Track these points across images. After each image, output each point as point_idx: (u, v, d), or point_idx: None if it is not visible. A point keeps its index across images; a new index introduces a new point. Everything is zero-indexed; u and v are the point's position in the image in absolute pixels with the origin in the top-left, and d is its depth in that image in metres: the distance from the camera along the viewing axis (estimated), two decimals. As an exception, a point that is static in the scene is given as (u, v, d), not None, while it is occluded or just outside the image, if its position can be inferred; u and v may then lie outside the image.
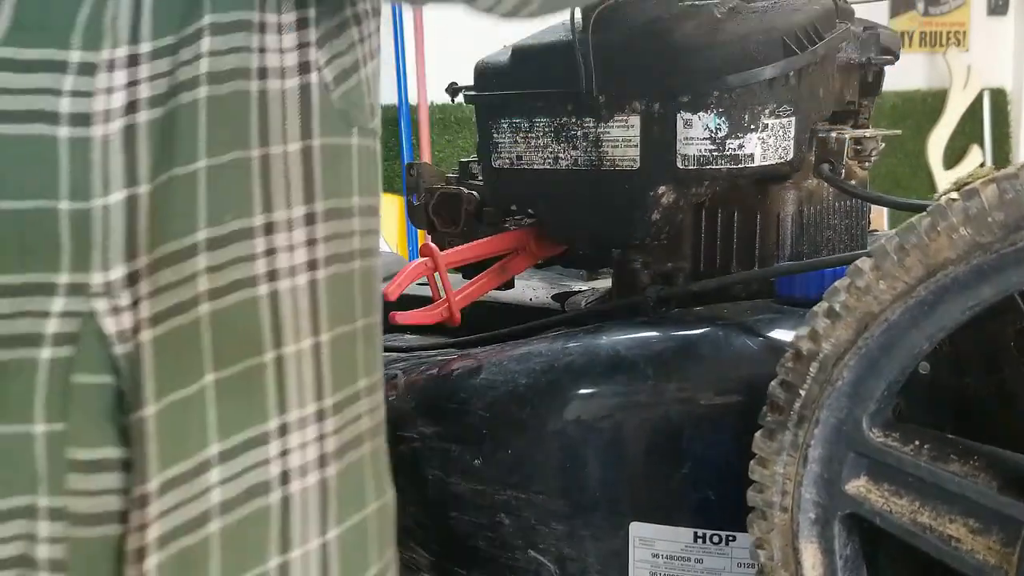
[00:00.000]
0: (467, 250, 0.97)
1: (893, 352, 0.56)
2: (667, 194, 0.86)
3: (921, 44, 4.09)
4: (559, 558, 0.78)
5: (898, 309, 0.55)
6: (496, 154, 0.95)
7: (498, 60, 0.95)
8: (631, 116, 0.85)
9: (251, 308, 0.47)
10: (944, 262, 0.53)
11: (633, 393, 0.75)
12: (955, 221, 0.52)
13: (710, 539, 0.72)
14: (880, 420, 0.58)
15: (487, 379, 0.83)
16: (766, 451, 0.61)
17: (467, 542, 0.83)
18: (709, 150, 0.82)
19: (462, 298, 0.94)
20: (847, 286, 0.56)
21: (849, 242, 0.93)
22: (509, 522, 0.81)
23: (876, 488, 0.58)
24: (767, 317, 0.76)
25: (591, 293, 1.04)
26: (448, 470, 0.84)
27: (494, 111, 0.95)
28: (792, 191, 0.86)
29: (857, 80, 0.96)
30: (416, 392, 0.89)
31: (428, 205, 1.07)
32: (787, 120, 0.83)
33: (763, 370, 0.67)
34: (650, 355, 0.75)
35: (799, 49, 0.83)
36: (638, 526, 0.74)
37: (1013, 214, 0.50)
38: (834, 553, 0.60)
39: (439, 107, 2.87)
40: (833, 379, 0.57)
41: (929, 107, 4.07)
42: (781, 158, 0.83)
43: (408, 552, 0.89)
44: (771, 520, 0.61)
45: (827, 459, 0.59)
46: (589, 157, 0.88)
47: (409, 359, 0.98)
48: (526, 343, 0.85)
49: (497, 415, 0.81)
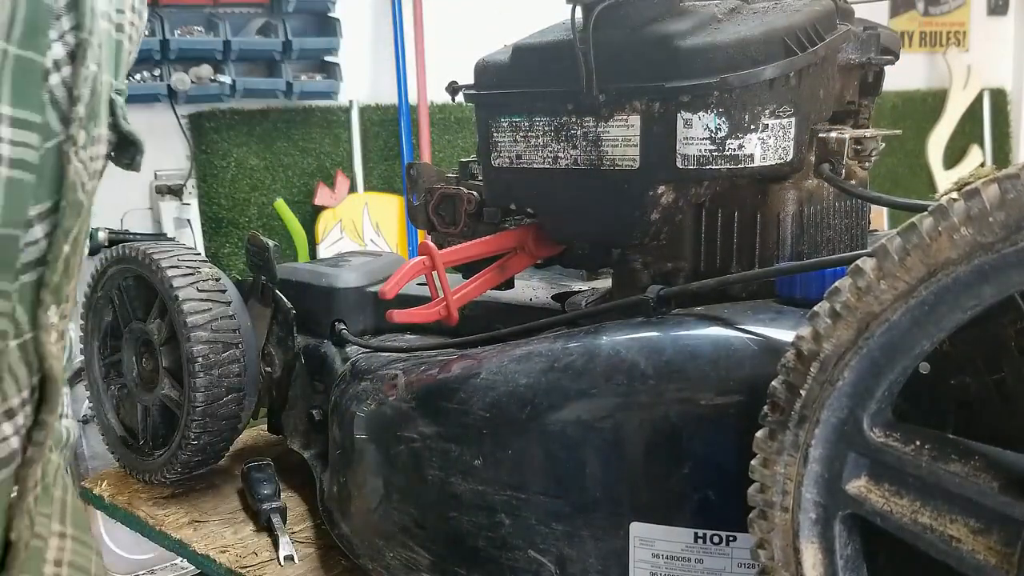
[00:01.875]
0: (465, 249, 0.96)
1: (894, 352, 0.56)
2: (667, 194, 0.86)
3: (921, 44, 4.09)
4: (559, 558, 0.78)
5: (899, 309, 0.55)
6: (496, 153, 0.95)
7: (498, 59, 0.95)
8: (631, 116, 0.85)
9: None
10: (945, 262, 0.53)
11: (633, 393, 0.74)
12: (956, 221, 0.52)
13: (710, 539, 0.72)
14: (881, 420, 0.58)
15: (487, 379, 0.83)
16: (767, 451, 0.60)
17: (467, 542, 0.83)
18: (709, 150, 0.82)
19: (460, 297, 0.94)
20: (848, 286, 0.56)
21: (849, 242, 0.93)
22: (509, 522, 0.80)
23: (877, 488, 0.57)
24: (767, 317, 0.76)
25: (591, 293, 1.04)
26: (448, 470, 0.84)
27: (494, 110, 0.95)
28: (792, 191, 0.86)
29: (857, 80, 0.96)
30: (416, 392, 0.89)
31: (428, 205, 1.07)
32: (787, 120, 0.83)
33: (763, 370, 0.67)
34: (650, 355, 0.75)
35: (799, 49, 0.83)
36: (638, 526, 0.74)
37: (1014, 214, 0.50)
38: (834, 553, 0.60)
39: (439, 107, 2.87)
40: (834, 379, 0.57)
41: (929, 107, 4.07)
42: (781, 158, 0.83)
43: (408, 552, 0.89)
44: (772, 520, 0.61)
45: (828, 459, 0.59)
46: (589, 156, 0.88)
47: (409, 359, 0.98)
48: (526, 343, 0.85)
49: (497, 415, 0.81)
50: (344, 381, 1.04)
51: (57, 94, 0.59)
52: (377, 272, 1.26)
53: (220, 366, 1.13)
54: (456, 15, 2.85)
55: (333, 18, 2.65)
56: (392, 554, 0.91)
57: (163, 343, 1.18)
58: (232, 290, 1.19)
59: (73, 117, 0.60)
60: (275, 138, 2.65)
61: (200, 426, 1.14)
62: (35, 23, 0.55)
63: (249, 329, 1.18)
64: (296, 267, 1.31)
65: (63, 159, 0.60)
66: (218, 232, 2.59)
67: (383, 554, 0.93)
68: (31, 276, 0.59)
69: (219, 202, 2.58)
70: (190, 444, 1.15)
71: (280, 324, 1.24)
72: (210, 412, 1.13)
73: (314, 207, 2.72)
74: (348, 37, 2.67)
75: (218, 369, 1.12)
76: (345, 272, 1.25)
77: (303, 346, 1.22)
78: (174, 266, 1.15)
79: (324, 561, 1.04)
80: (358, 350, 1.13)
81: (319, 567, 1.03)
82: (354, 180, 2.76)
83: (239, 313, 1.16)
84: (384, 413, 0.92)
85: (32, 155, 0.57)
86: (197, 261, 1.18)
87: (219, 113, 2.56)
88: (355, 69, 2.75)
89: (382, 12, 2.80)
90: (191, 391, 1.12)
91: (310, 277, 1.26)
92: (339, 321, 1.21)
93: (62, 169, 0.60)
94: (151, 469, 1.23)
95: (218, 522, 1.15)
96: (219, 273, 1.19)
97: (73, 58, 0.59)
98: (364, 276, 1.25)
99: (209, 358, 1.12)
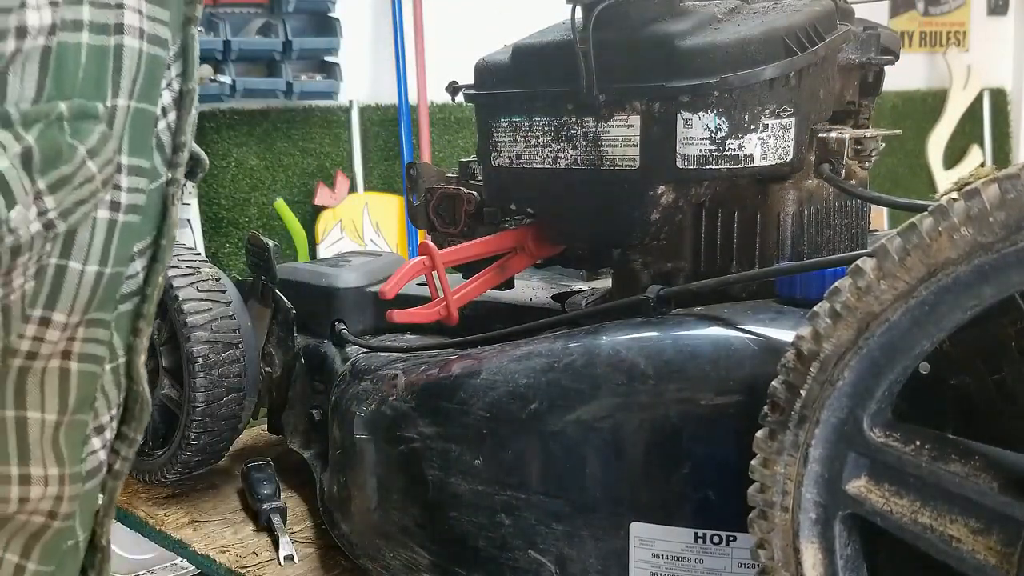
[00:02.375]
0: (465, 249, 0.96)
1: (894, 352, 0.56)
2: (667, 194, 0.86)
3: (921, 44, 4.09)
4: (559, 558, 0.78)
5: (899, 309, 0.55)
6: (496, 153, 0.95)
7: (498, 59, 0.95)
8: (631, 116, 0.85)
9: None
10: (945, 262, 0.53)
11: (633, 393, 0.74)
12: (956, 221, 0.52)
13: (710, 539, 0.72)
14: (881, 420, 0.58)
15: (487, 379, 0.83)
16: (767, 451, 0.60)
17: (467, 542, 0.83)
18: (709, 150, 0.82)
19: (460, 297, 0.94)
20: (848, 286, 0.56)
21: (849, 242, 0.93)
22: (509, 522, 0.80)
23: (877, 488, 0.57)
24: (767, 317, 0.76)
25: (591, 293, 1.04)
26: (448, 470, 0.84)
27: (494, 110, 0.95)
28: (792, 191, 0.86)
29: (857, 80, 0.96)
30: (416, 392, 0.89)
31: (428, 205, 1.07)
32: (787, 120, 0.83)
33: (763, 370, 0.67)
34: (650, 355, 0.75)
35: (799, 49, 0.83)
36: (638, 526, 0.74)
37: (1014, 214, 0.50)
38: (834, 553, 0.60)
39: (439, 107, 2.87)
40: (834, 379, 0.57)
41: (929, 107, 4.07)
42: (781, 158, 0.83)
43: (408, 552, 0.89)
44: (772, 520, 0.61)
45: (828, 459, 0.59)
46: (589, 156, 0.88)
47: (409, 359, 0.98)
48: (526, 343, 0.85)
49: (497, 415, 0.81)
50: (344, 381, 1.04)
51: (163, 138, 0.61)
52: (377, 272, 1.26)
53: (220, 366, 1.13)
54: (456, 15, 2.85)
55: (333, 18, 2.65)
56: (392, 554, 0.91)
57: (163, 343, 1.18)
58: (232, 290, 1.18)
59: (177, 162, 0.63)
60: (275, 138, 2.65)
61: (200, 426, 1.14)
62: (153, 77, 0.57)
63: (249, 329, 1.18)
64: (296, 267, 1.31)
65: (167, 200, 0.63)
66: (218, 232, 2.59)
67: (383, 554, 0.93)
68: (128, 306, 0.61)
69: (219, 202, 2.58)
70: (190, 444, 1.15)
71: (280, 324, 1.24)
72: (210, 412, 1.13)
73: (314, 207, 2.72)
74: (348, 37, 2.67)
75: (218, 369, 1.12)
76: (345, 272, 1.25)
77: (303, 346, 1.22)
78: (174, 266, 1.15)
79: (324, 561, 1.04)
80: (358, 350, 1.13)
81: (319, 567, 1.03)
82: (354, 180, 2.76)
83: (239, 313, 1.16)
84: (384, 413, 0.92)
85: (142, 199, 0.59)
86: (197, 261, 1.18)
87: (219, 113, 2.56)
88: (355, 69, 2.75)
89: (382, 12, 2.79)
90: (191, 391, 1.12)
91: (310, 277, 1.26)
92: (339, 321, 1.21)
93: (166, 210, 0.63)
94: (151, 469, 1.23)
95: (218, 522, 1.15)
96: (219, 273, 1.19)
97: (178, 105, 0.61)
98: (364, 276, 1.25)
99: (209, 358, 1.12)
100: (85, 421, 0.61)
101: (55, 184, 0.48)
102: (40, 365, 0.55)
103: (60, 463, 0.59)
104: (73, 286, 0.54)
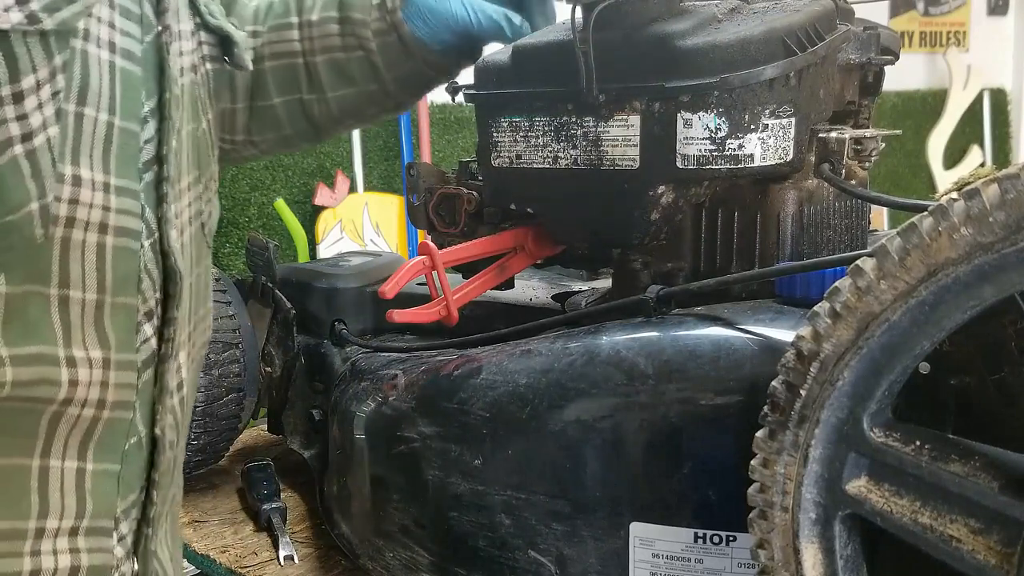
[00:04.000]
0: (465, 249, 0.96)
1: (894, 352, 0.56)
2: (667, 194, 0.86)
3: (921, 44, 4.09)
4: (559, 558, 0.78)
5: (899, 309, 0.55)
6: (496, 153, 0.95)
7: (498, 59, 0.95)
8: (631, 116, 0.85)
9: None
10: (945, 262, 0.53)
11: (633, 393, 0.74)
12: (956, 221, 0.52)
13: (710, 539, 0.72)
14: (881, 420, 0.58)
15: (487, 379, 0.83)
16: (767, 451, 0.61)
17: (467, 542, 0.83)
18: (709, 150, 0.82)
19: (460, 297, 0.94)
20: (848, 286, 0.56)
21: (849, 242, 0.93)
22: (509, 522, 0.81)
23: (877, 488, 0.57)
24: (767, 317, 0.76)
25: (591, 293, 1.04)
26: (448, 470, 0.84)
27: (494, 110, 0.95)
28: (792, 191, 0.86)
29: (857, 80, 0.96)
30: (416, 392, 0.89)
31: (428, 205, 1.07)
32: (787, 120, 0.83)
33: (763, 370, 0.67)
34: (650, 355, 0.75)
35: (799, 49, 0.83)
36: (638, 526, 0.74)
37: (1014, 214, 0.50)
38: (834, 553, 0.60)
39: (439, 107, 2.87)
40: (834, 379, 0.57)
41: (929, 107, 4.07)
42: (781, 158, 0.83)
43: (408, 552, 0.89)
44: (772, 520, 0.61)
45: (828, 459, 0.59)
46: (589, 156, 0.88)
47: (409, 359, 0.98)
48: (526, 343, 0.85)
49: (497, 415, 0.81)
50: (344, 381, 1.04)
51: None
52: (377, 272, 1.26)
53: (220, 366, 1.13)
54: (456, 15, 2.85)
55: (333, 18, 2.65)
56: (392, 554, 0.91)
57: (163, 343, 1.18)
58: (232, 290, 1.18)
59: (164, 8, 0.64)
60: (275, 138, 2.65)
61: (200, 426, 1.14)
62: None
63: (249, 329, 1.18)
64: (296, 267, 1.31)
65: (163, 51, 0.64)
66: (218, 232, 2.58)
67: (383, 554, 0.93)
68: (150, 176, 0.63)
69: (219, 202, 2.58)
70: (190, 444, 1.15)
71: (280, 324, 1.24)
72: (210, 412, 1.13)
73: (314, 207, 2.72)
74: (348, 37, 2.67)
75: (218, 369, 1.12)
76: (345, 272, 1.25)
77: (303, 346, 1.22)
78: (174, 266, 1.15)
79: (324, 561, 1.04)
80: (358, 350, 1.13)
81: (319, 567, 1.03)
82: (354, 180, 2.76)
83: (239, 313, 1.16)
84: (384, 413, 0.92)
85: (136, 47, 0.61)
86: (197, 261, 1.18)
87: (219, 113, 2.56)
88: (355, 69, 2.74)
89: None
90: (191, 391, 1.12)
91: (310, 277, 1.26)
92: (339, 321, 1.21)
93: (162, 61, 0.64)
94: (151, 469, 1.22)
95: (218, 522, 1.15)
96: (219, 273, 1.19)
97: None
98: (364, 276, 1.25)
99: (209, 358, 1.12)
100: (133, 305, 0.61)
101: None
102: (79, 236, 0.56)
103: (105, 345, 0.59)
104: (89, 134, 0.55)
